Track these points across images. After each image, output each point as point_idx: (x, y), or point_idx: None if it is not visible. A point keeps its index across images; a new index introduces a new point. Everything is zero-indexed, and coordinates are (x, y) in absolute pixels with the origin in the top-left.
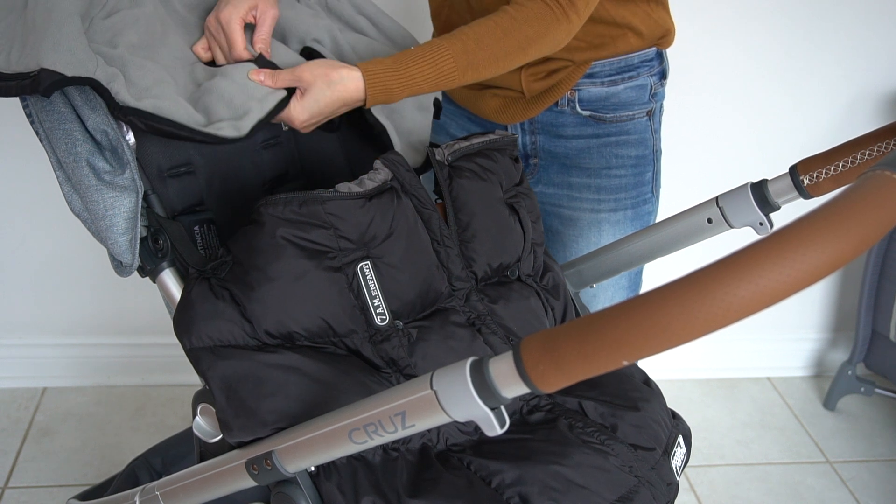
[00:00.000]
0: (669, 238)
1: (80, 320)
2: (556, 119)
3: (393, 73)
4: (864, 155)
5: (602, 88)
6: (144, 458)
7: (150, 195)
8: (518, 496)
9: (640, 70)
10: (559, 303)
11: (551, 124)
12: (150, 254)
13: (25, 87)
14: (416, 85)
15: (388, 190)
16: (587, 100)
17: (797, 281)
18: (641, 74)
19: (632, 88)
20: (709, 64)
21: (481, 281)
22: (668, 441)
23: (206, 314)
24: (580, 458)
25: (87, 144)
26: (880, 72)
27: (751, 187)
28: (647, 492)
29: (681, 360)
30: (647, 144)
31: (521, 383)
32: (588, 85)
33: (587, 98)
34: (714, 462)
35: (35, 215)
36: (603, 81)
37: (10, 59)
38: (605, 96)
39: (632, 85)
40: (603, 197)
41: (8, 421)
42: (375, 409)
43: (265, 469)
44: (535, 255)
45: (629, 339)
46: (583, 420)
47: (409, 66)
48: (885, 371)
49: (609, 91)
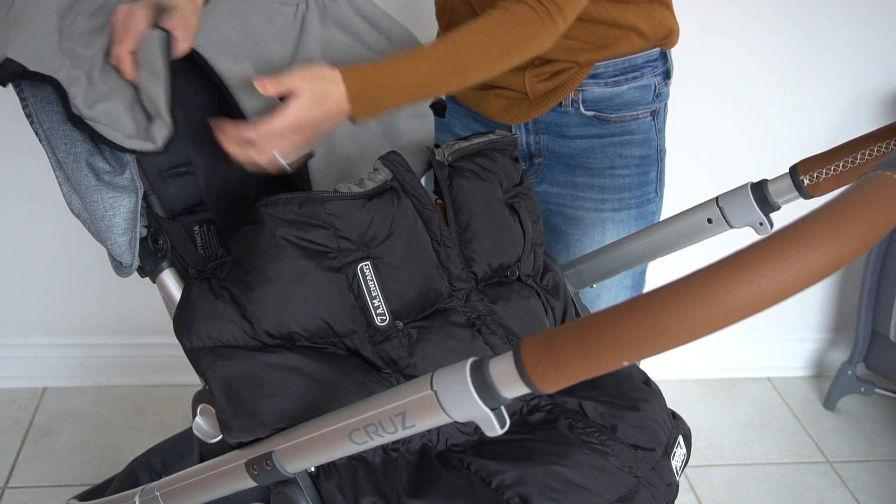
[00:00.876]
0: (669, 238)
1: (80, 320)
2: (560, 119)
3: (374, 73)
4: (864, 155)
5: (606, 89)
6: (144, 459)
7: (149, 195)
8: (518, 496)
9: (644, 70)
10: (559, 303)
11: (555, 124)
12: (149, 254)
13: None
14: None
15: (388, 190)
16: (591, 100)
17: (798, 281)
18: (645, 75)
19: (636, 89)
20: (709, 63)
21: (481, 281)
22: (669, 441)
23: (205, 314)
24: (580, 459)
25: (86, 144)
26: (881, 71)
27: (751, 187)
28: (647, 492)
29: (681, 360)
30: (651, 144)
31: (521, 384)
32: (592, 85)
33: (591, 98)
34: (714, 462)
35: (35, 215)
36: (607, 82)
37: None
38: (610, 97)
39: (636, 85)
40: (607, 196)
41: (8, 421)
42: (375, 409)
43: (265, 469)
44: (535, 256)
45: (629, 340)
46: (583, 420)
47: (389, 67)
48: (885, 371)
49: (613, 91)
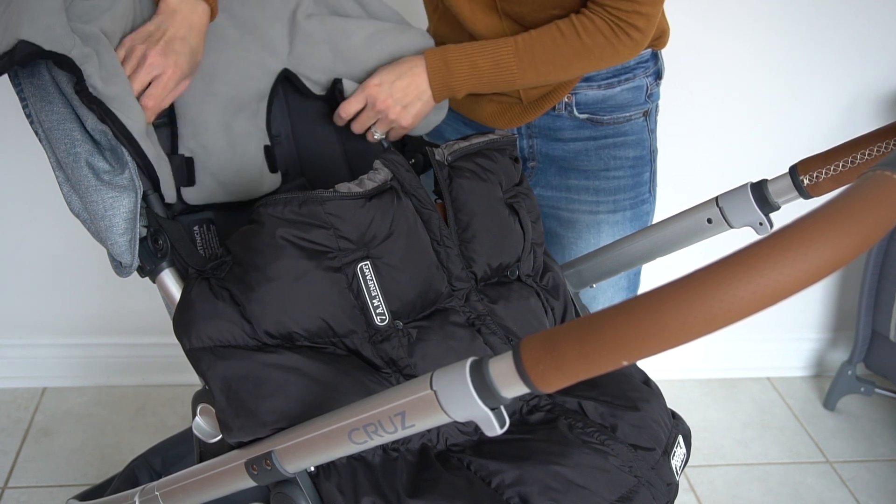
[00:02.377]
0: (669, 238)
1: (80, 320)
2: (554, 123)
3: (452, 49)
4: (863, 155)
5: (599, 91)
6: (144, 459)
7: (149, 195)
8: (518, 496)
9: (636, 72)
10: (559, 303)
11: (549, 128)
12: (149, 254)
13: (4, 64)
14: (475, 66)
15: (387, 190)
16: (584, 103)
17: (797, 281)
18: (638, 76)
19: (628, 90)
20: (709, 63)
21: (481, 281)
22: (668, 441)
23: (205, 314)
24: (580, 459)
25: (86, 144)
26: (881, 71)
27: (751, 187)
28: (647, 492)
29: (681, 360)
30: (644, 145)
31: (520, 383)
32: (585, 88)
33: (584, 101)
34: (714, 462)
35: (35, 215)
36: (600, 84)
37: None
38: (603, 99)
39: (628, 87)
40: (601, 199)
41: (8, 421)
42: (375, 409)
43: (265, 469)
44: (534, 255)
45: (629, 339)
46: (583, 420)
47: (466, 47)
48: (885, 371)
49: (606, 94)
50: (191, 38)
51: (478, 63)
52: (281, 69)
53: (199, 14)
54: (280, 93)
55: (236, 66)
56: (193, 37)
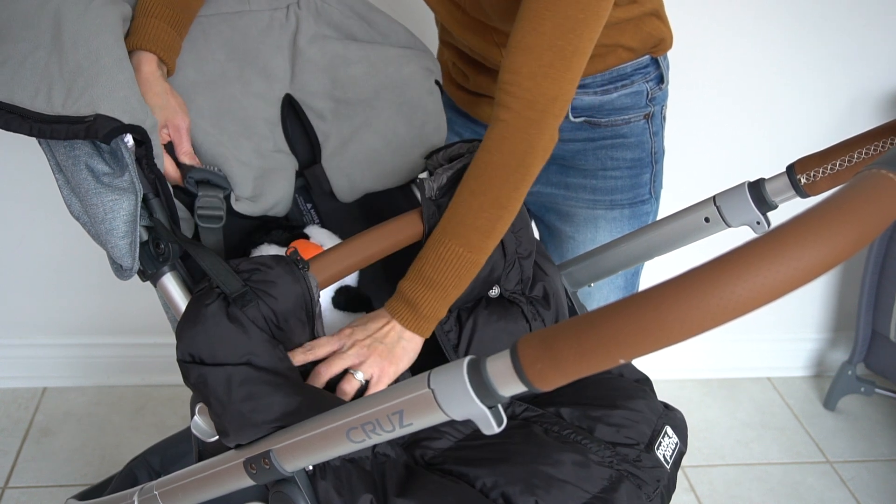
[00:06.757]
0: (666, 237)
1: (80, 320)
2: None
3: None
4: (860, 154)
5: (595, 97)
6: (143, 458)
7: (150, 199)
8: (501, 497)
9: (633, 78)
10: (550, 312)
11: None
12: (151, 258)
13: (79, 131)
14: (446, 291)
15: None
16: (580, 108)
17: (793, 279)
18: (636, 81)
19: (626, 95)
20: (708, 62)
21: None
22: (653, 433)
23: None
24: (559, 456)
25: (85, 147)
26: (881, 71)
27: (748, 186)
28: (631, 483)
29: (681, 360)
30: (644, 147)
31: (518, 382)
32: (581, 94)
33: (580, 106)
34: (714, 462)
35: (35, 215)
36: (595, 91)
37: (53, 102)
38: (599, 104)
39: (626, 92)
40: (599, 197)
41: (8, 421)
42: (373, 407)
43: (263, 468)
44: (521, 269)
45: (626, 337)
46: (559, 423)
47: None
48: (885, 371)
49: (602, 99)
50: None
51: (448, 290)
52: (284, 95)
53: (146, 69)
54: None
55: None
56: (150, 96)
